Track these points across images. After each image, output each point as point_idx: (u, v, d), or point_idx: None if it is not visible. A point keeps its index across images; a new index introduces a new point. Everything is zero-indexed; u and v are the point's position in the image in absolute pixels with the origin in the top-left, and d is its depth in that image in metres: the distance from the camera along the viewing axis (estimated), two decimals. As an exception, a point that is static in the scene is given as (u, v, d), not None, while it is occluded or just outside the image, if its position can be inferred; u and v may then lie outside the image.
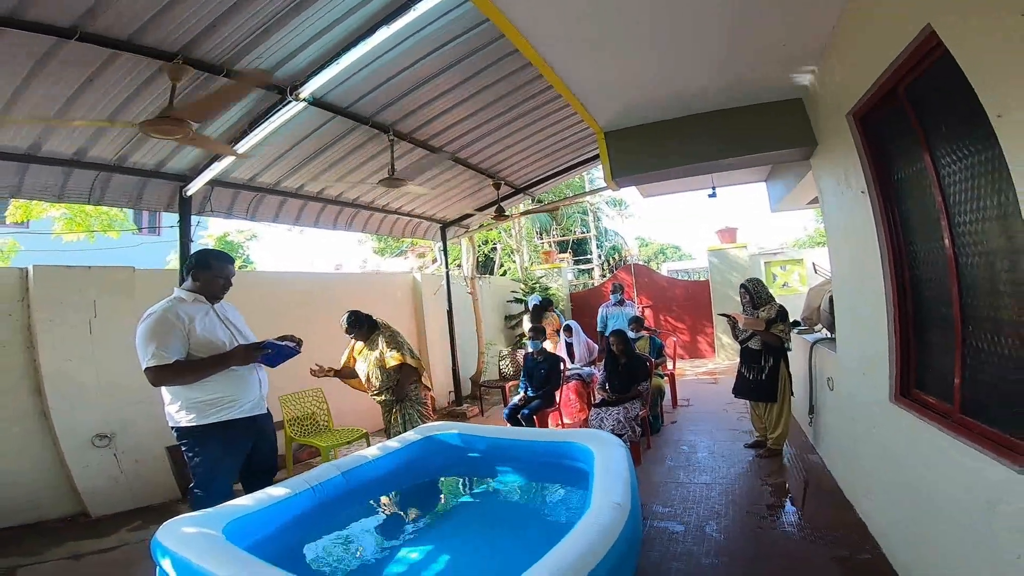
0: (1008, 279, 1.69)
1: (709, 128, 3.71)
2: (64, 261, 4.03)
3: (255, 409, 2.80)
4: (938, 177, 2.05)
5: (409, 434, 3.59)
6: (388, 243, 15.38)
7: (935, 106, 2.03)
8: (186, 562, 1.90)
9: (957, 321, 1.99)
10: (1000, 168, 1.57)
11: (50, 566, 3.00)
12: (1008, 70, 1.35)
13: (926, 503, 2.09)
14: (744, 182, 6.46)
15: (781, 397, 4.00)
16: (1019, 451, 1.50)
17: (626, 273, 10.59)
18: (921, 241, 2.34)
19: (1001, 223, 1.70)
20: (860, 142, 2.67)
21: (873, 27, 2.19)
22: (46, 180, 3.69)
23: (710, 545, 2.76)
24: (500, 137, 5.06)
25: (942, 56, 1.72)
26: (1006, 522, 1.50)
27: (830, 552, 2.59)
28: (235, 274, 2.91)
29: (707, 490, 3.50)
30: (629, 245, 20.33)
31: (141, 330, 2.55)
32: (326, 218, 5.78)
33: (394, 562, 2.52)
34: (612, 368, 4.69)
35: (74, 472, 3.72)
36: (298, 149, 4.33)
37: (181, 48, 2.86)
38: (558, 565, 1.69)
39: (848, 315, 3.27)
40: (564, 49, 2.68)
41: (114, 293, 4.07)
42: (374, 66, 3.44)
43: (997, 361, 1.80)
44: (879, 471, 2.67)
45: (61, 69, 2.77)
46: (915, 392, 2.38)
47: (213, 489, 2.61)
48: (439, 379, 7.44)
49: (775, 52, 2.88)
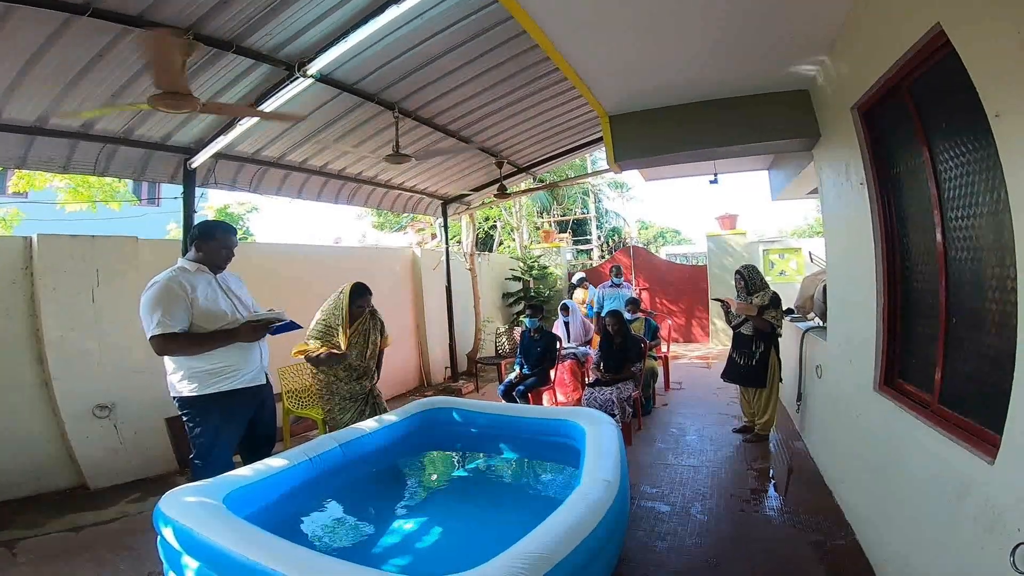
0: (993, 275, 1.73)
1: (713, 115, 3.70)
2: (67, 231, 4.00)
3: (256, 379, 2.85)
4: (935, 173, 2.09)
5: (407, 407, 3.66)
6: (387, 218, 15.32)
7: (937, 104, 2.04)
8: (188, 531, 1.95)
9: (942, 313, 2.04)
10: (994, 167, 1.60)
11: (50, 538, 3.00)
12: (1010, 71, 1.37)
13: (898, 491, 2.18)
14: (746, 169, 6.45)
15: (770, 383, 4.09)
16: (992, 443, 1.56)
17: (625, 255, 10.62)
18: (914, 235, 2.38)
19: (991, 220, 1.74)
20: (862, 135, 2.69)
21: (883, 22, 2.19)
22: (52, 152, 3.68)
23: (694, 526, 2.86)
24: (505, 117, 5.04)
25: (948, 55, 1.73)
26: (972, 512, 1.55)
27: (807, 537, 2.69)
28: (237, 245, 2.93)
29: (694, 472, 3.61)
30: (630, 227, 20.30)
31: (145, 299, 2.58)
32: (328, 192, 5.77)
33: (389, 533, 2.61)
34: (607, 348, 4.76)
35: (74, 443, 3.75)
36: (303, 124, 4.29)
37: (191, 24, 2.84)
38: (547, 538, 1.76)
39: (839, 304, 3.33)
40: (570, 32, 2.67)
41: (117, 263, 4.08)
42: (382, 44, 3.41)
43: (978, 354, 1.86)
44: (857, 458, 2.76)
45: (72, 44, 2.75)
46: (899, 382, 2.46)
47: (213, 459, 2.67)
48: (436, 355, 7.54)
49: (784, 43, 2.87)
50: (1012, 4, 1.32)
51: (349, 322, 3.34)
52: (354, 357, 3.39)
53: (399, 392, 6.78)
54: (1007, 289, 1.62)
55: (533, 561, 1.60)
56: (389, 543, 2.52)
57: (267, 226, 31.88)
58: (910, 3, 1.90)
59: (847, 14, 2.46)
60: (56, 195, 8.11)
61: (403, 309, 7.28)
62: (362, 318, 3.42)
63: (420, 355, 7.46)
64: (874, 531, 2.45)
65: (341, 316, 3.31)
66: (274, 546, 1.79)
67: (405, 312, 7.31)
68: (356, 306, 3.38)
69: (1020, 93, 1.33)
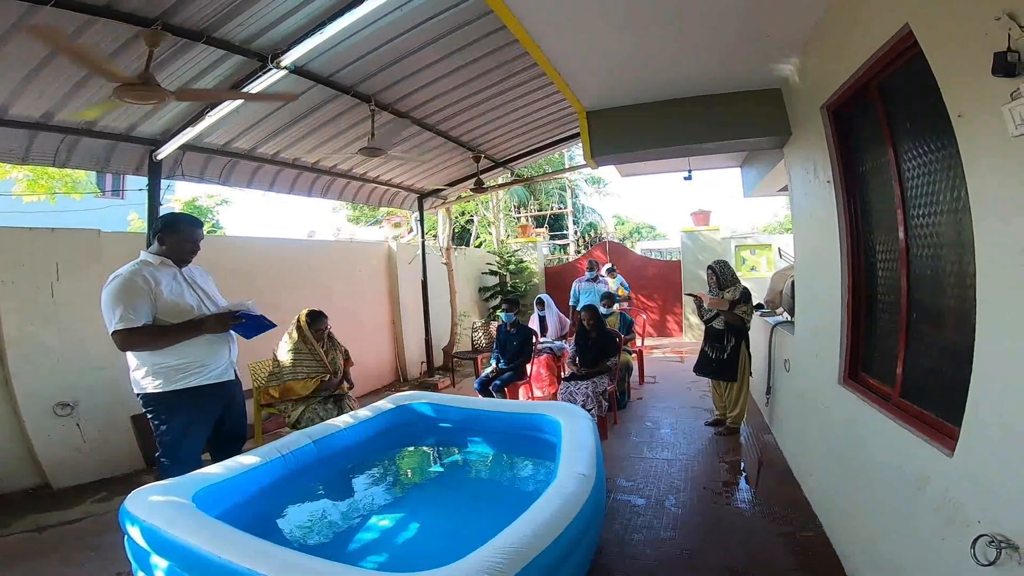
0: (952, 272, 1.79)
1: (689, 113, 3.74)
2: (25, 223, 3.84)
3: (224, 375, 2.79)
4: (899, 172, 2.15)
5: (381, 403, 3.63)
6: (363, 211, 15.09)
7: (903, 104, 2.11)
8: (155, 530, 1.91)
9: (904, 309, 2.12)
10: (956, 167, 1.66)
11: (14, 539, 2.92)
12: (974, 73, 1.41)
13: (862, 483, 2.25)
14: (720, 167, 6.57)
15: (741, 377, 4.19)
16: (950, 435, 1.61)
17: (601, 251, 10.71)
18: (879, 232, 2.46)
19: (952, 218, 1.80)
20: (831, 134, 2.75)
21: (854, 23, 2.24)
22: (11, 143, 3.52)
23: (669, 519, 2.92)
24: (483, 111, 5.01)
25: (915, 56, 1.78)
26: (933, 503, 1.61)
27: (777, 528, 2.76)
28: (203, 238, 2.86)
29: (668, 466, 3.67)
30: (606, 222, 20.48)
31: (107, 293, 2.50)
32: (301, 185, 5.65)
33: (364, 529, 2.59)
34: (582, 343, 4.80)
35: (35, 442, 3.62)
36: (276, 115, 4.21)
37: (160, 14, 2.73)
38: (524, 532, 1.77)
39: (806, 299, 3.42)
40: (551, 28, 2.65)
41: (79, 256, 3.92)
42: (359, 36, 3.34)
43: (937, 348, 1.94)
44: (823, 451, 2.84)
45: (28, 38, 2.60)
46: (862, 375, 2.54)
47: (180, 457, 2.61)
48: (412, 350, 7.48)
49: (760, 42, 2.91)
50: (978, 6, 1.36)
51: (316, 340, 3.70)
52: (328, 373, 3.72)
53: (374, 387, 6.71)
54: (966, 285, 1.68)
55: (510, 555, 1.61)
56: (365, 539, 2.49)
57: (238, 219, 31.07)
58: (881, 4, 1.94)
59: (821, 15, 2.52)
60: (14, 186, 7.72)
61: (378, 304, 7.20)
62: (322, 342, 3.73)
63: (396, 350, 7.40)
64: (840, 523, 2.53)
65: (305, 339, 3.67)
66: (246, 544, 1.77)
67: (381, 307, 7.23)
68: (315, 329, 3.71)
69: (982, 95, 1.37)
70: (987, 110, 1.37)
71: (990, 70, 1.27)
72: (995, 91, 1.31)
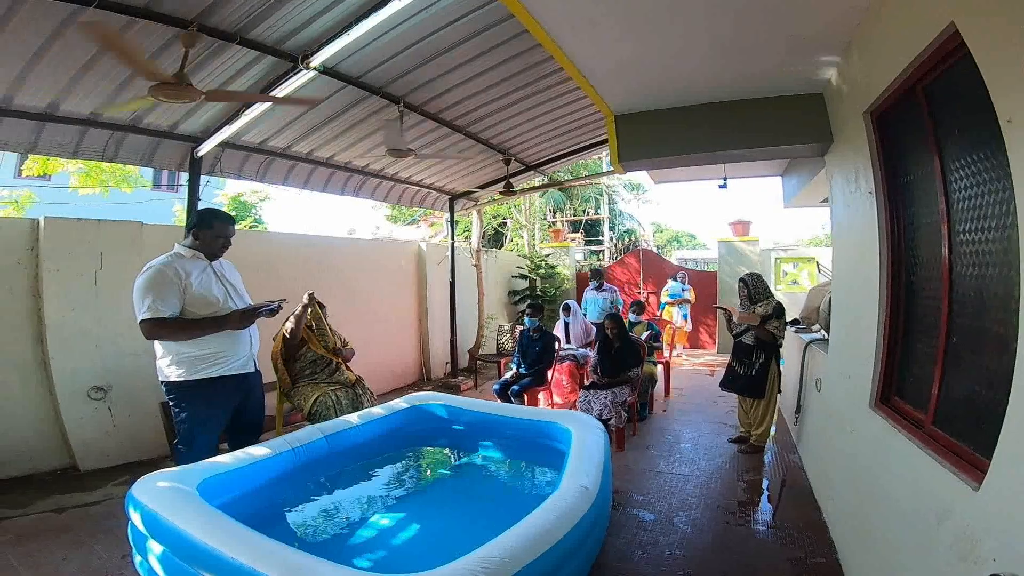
0: (997, 293, 1.64)
1: (722, 117, 3.59)
2: (78, 214, 4.07)
3: (244, 367, 2.88)
4: (944, 183, 1.99)
5: (396, 402, 3.65)
6: (401, 211, 15.35)
7: (950, 109, 1.95)
8: (155, 516, 1.96)
9: (943, 332, 1.95)
10: (1005, 177, 1.51)
11: (32, 518, 3.03)
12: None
13: (882, 511, 2.09)
14: (758, 175, 6.31)
15: (768, 394, 3.99)
16: (980, 468, 1.48)
17: (634, 258, 10.50)
18: (921, 248, 2.28)
19: (999, 235, 1.64)
20: (874, 142, 2.58)
21: (897, 22, 2.10)
22: (62, 138, 3.73)
23: (675, 536, 2.79)
24: (513, 114, 4.97)
25: (963, 57, 1.64)
26: (949, 539, 1.48)
27: (788, 553, 2.61)
28: (235, 235, 2.97)
29: (683, 481, 3.53)
30: (645, 230, 20.13)
31: (139, 283, 2.62)
32: (334, 183, 5.77)
33: (363, 527, 2.60)
34: (605, 352, 4.69)
35: (67, 424, 3.78)
36: (309, 115, 4.30)
37: (197, 15, 2.84)
38: (512, 543, 1.73)
39: (842, 317, 3.22)
40: (571, 29, 2.59)
41: (121, 247, 4.13)
42: (387, 37, 3.38)
43: (976, 376, 1.77)
44: (845, 475, 2.67)
45: (78, 36, 2.75)
46: (895, 399, 2.36)
47: (196, 445, 2.70)
48: (437, 350, 7.52)
49: (796, 44, 2.77)
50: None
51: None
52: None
53: (398, 385, 6.78)
54: (1010, 310, 1.53)
55: (492, 565, 1.57)
56: (362, 537, 2.50)
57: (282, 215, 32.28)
58: (925, 2, 1.81)
59: (863, 15, 2.36)
60: (69, 179, 8.24)
61: (406, 303, 7.27)
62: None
63: (421, 349, 7.45)
64: (855, 551, 2.37)
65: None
66: (236, 534, 1.79)
67: (408, 306, 7.30)
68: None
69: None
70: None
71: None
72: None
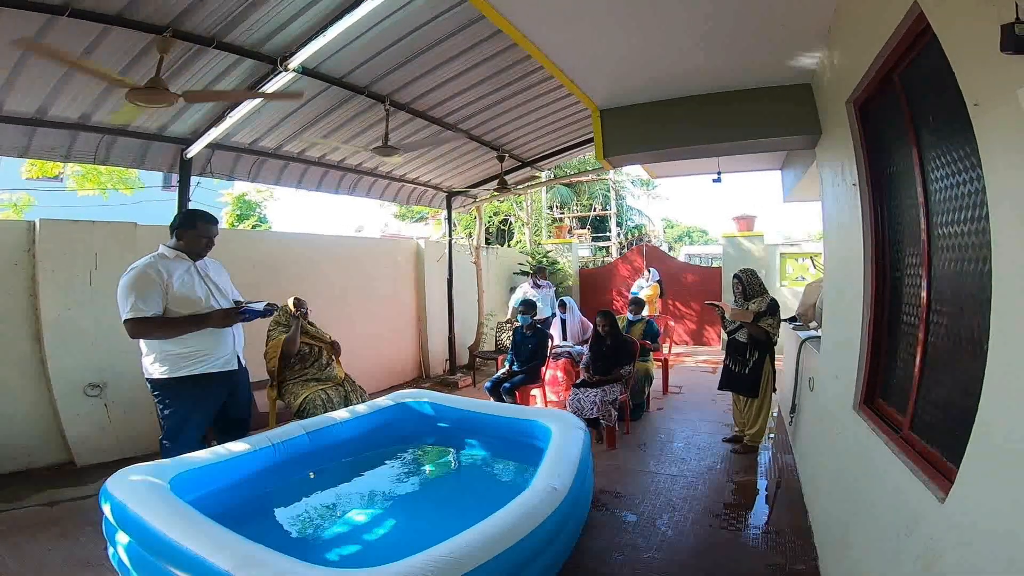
0: (970, 287, 1.56)
1: (710, 109, 3.53)
2: (75, 216, 4.13)
3: (228, 364, 2.91)
4: (922, 172, 1.91)
5: (382, 399, 3.64)
6: (409, 208, 15.36)
7: (925, 95, 1.86)
8: (125, 509, 1.98)
9: (922, 331, 1.87)
10: (977, 165, 1.44)
11: (24, 512, 3.08)
12: (989, 55, 1.20)
13: (861, 518, 2.02)
14: (756, 169, 6.18)
15: (762, 393, 3.91)
16: (949, 477, 1.41)
17: (638, 254, 10.39)
18: (904, 243, 2.20)
19: (973, 227, 1.56)
20: (857, 132, 2.50)
21: (867, 7, 2.02)
22: (53, 141, 3.78)
23: (656, 539, 2.73)
24: (504, 110, 4.92)
25: (931, 39, 1.57)
26: (915, 549, 1.42)
27: (769, 558, 2.53)
28: (218, 235, 3.00)
29: (671, 482, 3.46)
30: (655, 225, 19.93)
31: (122, 283, 2.67)
32: (328, 182, 5.77)
33: (339, 523, 2.60)
34: (597, 349, 4.64)
35: (64, 420, 3.85)
36: (297, 116, 4.31)
37: (171, 21, 2.85)
38: (471, 541, 1.71)
39: (831, 315, 3.14)
40: (543, 26, 2.56)
41: (115, 247, 4.17)
42: (365, 38, 3.37)
43: (951, 380, 1.69)
44: (830, 480, 2.60)
45: (58, 43, 2.76)
46: (878, 402, 2.29)
47: (181, 441, 2.73)
48: (436, 347, 7.52)
49: (776, 33, 2.69)
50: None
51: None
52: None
53: (397, 382, 6.79)
54: (985, 308, 1.44)
55: (442, 564, 1.54)
56: (335, 533, 2.52)
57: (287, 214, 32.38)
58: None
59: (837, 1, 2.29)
60: (66, 181, 8.37)
61: (404, 300, 7.28)
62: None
63: (420, 347, 7.46)
64: (834, 559, 2.29)
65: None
66: (197, 526, 1.80)
67: (406, 304, 7.30)
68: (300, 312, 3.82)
69: (1000, 80, 1.17)
70: (1004, 95, 1.16)
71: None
72: (1011, 73, 1.11)
